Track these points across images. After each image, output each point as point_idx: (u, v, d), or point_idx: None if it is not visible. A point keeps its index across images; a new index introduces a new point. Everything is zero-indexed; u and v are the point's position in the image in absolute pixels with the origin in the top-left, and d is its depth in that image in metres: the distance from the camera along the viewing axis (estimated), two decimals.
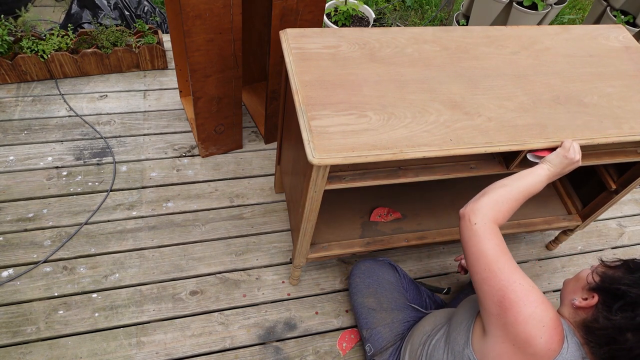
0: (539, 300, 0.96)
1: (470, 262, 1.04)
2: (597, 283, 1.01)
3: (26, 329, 1.57)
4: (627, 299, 0.93)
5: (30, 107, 2.17)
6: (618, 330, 0.93)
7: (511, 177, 1.12)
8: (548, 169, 1.14)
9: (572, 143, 1.15)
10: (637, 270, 0.98)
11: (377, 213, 1.67)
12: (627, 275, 0.98)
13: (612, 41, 1.49)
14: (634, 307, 0.91)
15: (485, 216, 1.04)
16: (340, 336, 1.67)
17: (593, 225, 2.14)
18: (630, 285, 0.95)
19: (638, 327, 0.90)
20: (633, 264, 1.01)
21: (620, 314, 0.93)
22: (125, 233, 1.82)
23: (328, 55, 1.25)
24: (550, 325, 0.94)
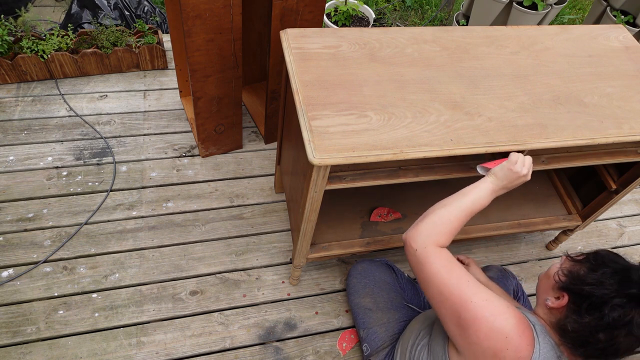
0: (495, 312, 0.94)
1: (422, 288, 1.04)
2: (563, 282, 1.00)
3: (26, 329, 1.57)
4: (593, 299, 0.92)
5: (30, 107, 2.17)
6: (589, 331, 0.92)
7: (454, 195, 1.10)
8: (492, 182, 1.10)
9: (520, 156, 1.10)
10: (600, 266, 0.96)
11: (377, 213, 1.67)
12: (590, 274, 0.96)
13: (612, 41, 1.49)
14: (601, 307, 0.90)
15: (424, 241, 1.02)
16: (340, 336, 1.67)
17: (593, 225, 2.14)
18: (594, 284, 0.93)
19: (608, 327, 0.89)
20: (595, 259, 0.99)
21: (588, 316, 0.92)
22: (125, 233, 1.82)
23: (328, 55, 1.25)
24: (514, 334, 0.93)
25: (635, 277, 0.91)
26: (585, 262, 1.00)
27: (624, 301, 0.88)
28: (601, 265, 0.96)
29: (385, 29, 1.38)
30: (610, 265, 0.95)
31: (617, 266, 0.95)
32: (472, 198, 1.09)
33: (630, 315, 0.87)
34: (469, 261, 1.59)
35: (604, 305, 0.90)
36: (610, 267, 0.95)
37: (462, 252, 1.96)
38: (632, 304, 0.88)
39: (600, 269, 0.95)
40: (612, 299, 0.89)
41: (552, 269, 1.07)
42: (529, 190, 1.84)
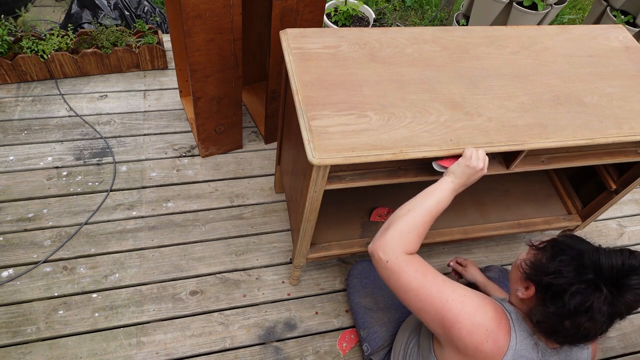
0: (474, 306, 0.97)
1: (399, 297, 1.04)
2: (527, 273, 1.00)
3: (26, 329, 1.57)
4: (554, 288, 0.92)
5: (30, 107, 2.17)
6: (555, 320, 0.93)
7: (416, 199, 1.10)
8: (452, 182, 1.10)
9: (474, 151, 1.09)
10: (558, 254, 0.96)
11: (377, 213, 1.67)
12: (550, 263, 0.96)
13: (612, 41, 1.49)
14: (562, 295, 0.91)
15: (394, 251, 1.02)
16: (340, 336, 1.67)
17: (593, 225, 2.14)
18: (553, 273, 0.93)
19: (571, 315, 0.90)
20: (553, 247, 0.99)
21: (552, 306, 0.92)
22: (125, 233, 1.82)
23: (328, 55, 1.25)
24: (492, 326, 0.97)
25: (588, 262, 0.90)
26: (545, 250, 1.00)
27: (582, 287, 0.89)
28: (559, 253, 0.96)
29: (385, 29, 1.38)
30: (567, 252, 0.95)
31: (573, 252, 0.94)
32: (436, 199, 1.09)
33: (590, 300, 0.88)
34: (466, 262, 1.59)
35: (564, 293, 0.90)
36: (567, 254, 0.94)
37: (462, 252, 1.96)
38: (590, 289, 0.88)
39: (558, 256, 0.95)
40: (570, 287, 0.90)
41: (518, 258, 1.07)
42: (529, 190, 1.84)
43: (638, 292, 0.88)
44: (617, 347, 1.79)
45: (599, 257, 0.90)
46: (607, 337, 1.79)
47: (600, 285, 0.88)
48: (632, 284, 0.87)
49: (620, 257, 0.89)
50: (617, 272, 0.88)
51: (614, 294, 0.88)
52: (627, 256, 0.89)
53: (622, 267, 0.88)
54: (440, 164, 1.15)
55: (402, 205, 1.10)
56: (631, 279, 0.87)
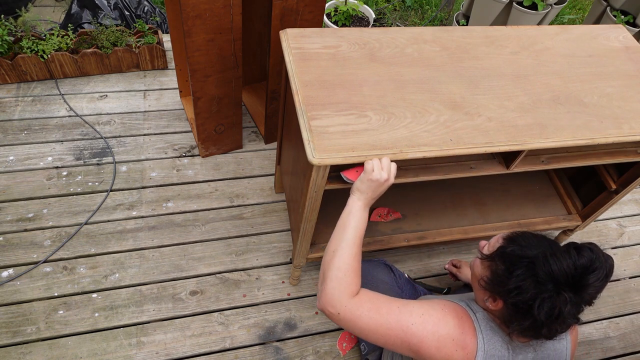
0: (435, 321, 0.98)
1: (365, 339, 1.04)
2: (490, 292, 0.99)
3: (26, 329, 1.57)
4: (521, 305, 0.92)
5: (30, 107, 2.17)
6: (534, 330, 0.93)
7: (335, 235, 1.08)
8: (359, 199, 1.07)
9: (376, 162, 1.05)
10: (513, 268, 0.94)
11: (377, 213, 1.67)
12: (508, 280, 0.94)
13: (612, 41, 1.49)
14: (531, 310, 0.90)
15: (340, 301, 1.01)
16: (340, 336, 1.67)
17: (593, 225, 2.14)
18: (516, 290, 0.92)
19: (545, 324, 0.90)
20: (504, 260, 0.97)
21: (526, 321, 0.92)
22: (125, 233, 1.82)
23: (328, 55, 1.25)
24: (457, 334, 0.98)
25: (542, 274, 0.90)
26: (496, 262, 0.99)
27: (546, 297, 0.89)
28: (513, 267, 0.94)
29: (385, 29, 1.38)
30: (519, 264, 0.94)
31: (525, 262, 0.93)
32: (353, 225, 1.07)
33: (557, 307, 0.88)
34: (461, 264, 1.59)
35: (532, 307, 0.90)
36: (521, 267, 0.93)
37: (462, 252, 1.96)
38: (553, 297, 0.89)
39: (514, 271, 0.94)
40: (535, 300, 0.90)
41: (474, 268, 1.05)
42: (529, 190, 1.84)
43: (597, 285, 0.89)
44: (617, 347, 1.79)
45: (550, 265, 0.89)
46: (608, 337, 1.80)
47: (561, 292, 0.88)
48: (590, 282, 0.88)
49: (569, 259, 0.89)
50: (573, 276, 0.88)
51: (577, 294, 0.89)
52: (576, 256, 0.89)
53: (575, 270, 0.88)
54: (346, 176, 1.11)
55: (327, 247, 1.08)
56: (588, 278, 0.88)
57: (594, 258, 0.89)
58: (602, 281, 0.89)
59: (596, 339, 1.80)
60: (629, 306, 1.90)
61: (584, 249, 0.90)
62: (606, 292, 1.93)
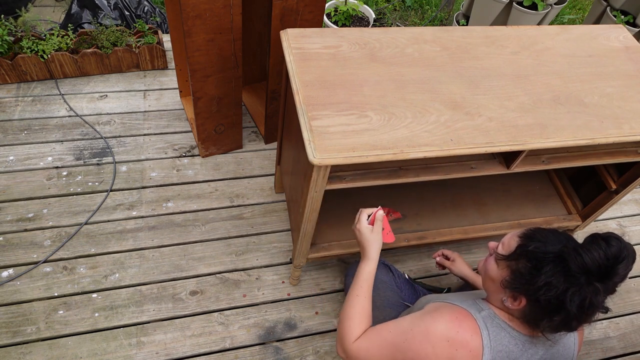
0: (424, 330, 1.01)
1: None
2: (514, 287, 0.98)
3: (26, 329, 1.57)
4: (553, 300, 0.91)
5: (30, 107, 2.17)
6: (564, 325, 0.94)
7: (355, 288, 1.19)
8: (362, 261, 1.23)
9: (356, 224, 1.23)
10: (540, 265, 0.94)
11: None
12: (535, 277, 0.93)
13: (612, 41, 1.49)
14: (563, 305, 0.90)
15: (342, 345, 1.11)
16: None
17: (593, 225, 2.14)
18: (546, 287, 0.92)
19: (577, 317, 0.91)
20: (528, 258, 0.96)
21: (557, 317, 0.93)
22: (125, 233, 1.82)
23: (328, 55, 1.25)
24: (452, 334, 0.98)
25: (575, 267, 0.90)
26: (521, 260, 0.98)
27: (575, 290, 0.89)
28: (540, 263, 0.94)
29: (385, 29, 1.38)
30: (546, 260, 0.93)
31: (552, 257, 0.93)
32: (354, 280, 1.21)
33: (587, 298, 0.89)
34: (454, 256, 1.56)
35: (564, 303, 0.91)
36: (549, 264, 0.93)
37: (462, 252, 1.96)
38: (582, 289, 0.89)
39: (541, 268, 0.93)
40: (566, 294, 0.90)
41: (489, 270, 1.05)
42: (529, 190, 1.84)
43: (623, 274, 0.90)
44: (617, 347, 1.79)
45: (582, 258, 0.90)
46: (608, 337, 1.80)
47: (592, 282, 0.89)
48: (619, 271, 0.89)
49: (600, 250, 0.89)
50: (605, 267, 0.89)
51: (605, 283, 0.90)
52: (606, 247, 0.89)
53: (607, 260, 0.89)
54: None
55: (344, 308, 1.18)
56: (618, 268, 0.89)
57: (622, 247, 0.90)
58: (628, 269, 0.90)
59: (596, 339, 1.80)
60: (629, 306, 1.90)
61: (611, 239, 0.91)
62: None
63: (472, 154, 1.23)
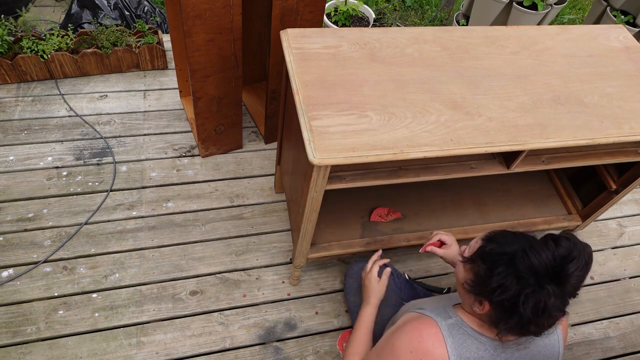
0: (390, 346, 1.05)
1: None
2: (475, 295, 0.98)
3: (26, 329, 1.57)
4: (506, 303, 0.91)
5: (30, 107, 2.17)
6: (521, 328, 0.93)
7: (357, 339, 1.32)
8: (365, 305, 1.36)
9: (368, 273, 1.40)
10: (493, 266, 0.94)
11: (377, 213, 1.67)
12: (490, 279, 0.94)
13: (612, 41, 1.49)
14: (516, 307, 0.90)
15: None
16: (340, 336, 1.67)
17: (593, 225, 2.14)
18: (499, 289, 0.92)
19: (531, 320, 0.90)
20: (484, 259, 0.97)
21: (512, 319, 0.92)
22: (125, 233, 1.82)
23: (328, 55, 1.25)
24: (414, 344, 1.00)
25: (522, 268, 0.90)
26: (477, 263, 0.99)
27: (529, 292, 0.88)
28: (494, 265, 0.94)
29: (385, 29, 1.38)
30: (499, 261, 0.93)
31: (505, 259, 0.93)
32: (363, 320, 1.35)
33: (542, 301, 0.88)
34: (451, 241, 1.52)
35: (517, 305, 0.90)
36: (501, 265, 0.93)
37: None
38: (536, 292, 0.88)
39: (494, 269, 0.94)
40: (519, 296, 0.89)
41: (458, 274, 1.06)
42: (529, 190, 1.84)
43: (578, 275, 0.88)
44: (617, 347, 1.79)
45: (530, 259, 0.89)
46: (608, 337, 1.80)
47: (543, 285, 0.88)
48: (571, 271, 0.88)
49: (548, 250, 0.89)
50: (553, 268, 0.88)
51: (559, 286, 0.88)
52: (554, 247, 0.89)
53: (554, 261, 0.88)
54: None
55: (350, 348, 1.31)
56: (568, 268, 0.87)
57: (572, 247, 0.89)
58: (582, 270, 0.89)
59: (596, 339, 1.80)
60: (629, 306, 1.90)
61: (561, 239, 0.90)
62: (606, 292, 1.93)
63: (472, 154, 1.23)
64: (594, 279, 1.97)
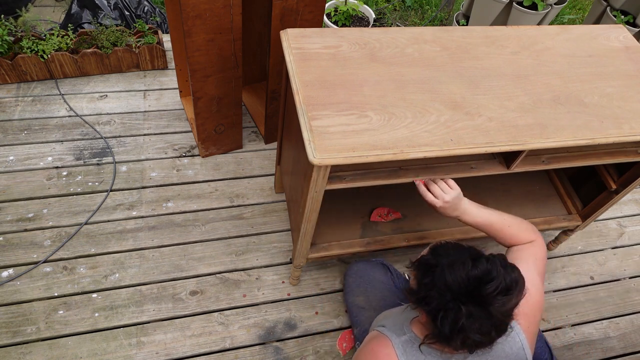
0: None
1: None
2: (414, 304, 0.98)
3: (26, 329, 1.57)
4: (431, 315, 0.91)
5: (30, 107, 2.17)
6: (449, 340, 0.91)
7: None
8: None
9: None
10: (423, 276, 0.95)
11: (377, 213, 1.67)
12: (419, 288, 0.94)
13: (612, 41, 1.49)
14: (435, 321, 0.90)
15: None
16: (340, 336, 1.67)
17: (593, 225, 2.14)
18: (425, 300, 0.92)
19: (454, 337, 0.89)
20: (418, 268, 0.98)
21: (435, 330, 0.92)
22: (125, 233, 1.82)
23: (328, 55, 1.25)
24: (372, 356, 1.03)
25: (439, 284, 0.89)
26: (415, 270, 1.00)
27: (448, 308, 0.88)
28: (423, 275, 0.95)
29: (385, 29, 1.38)
30: (429, 273, 0.94)
31: (432, 271, 0.93)
32: None
33: (459, 321, 0.86)
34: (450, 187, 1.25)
35: (436, 319, 0.90)
36: (429, 276, 0.93)
37: None
38: (455, 310, 0.87)
39: (423, 279, 0.94)
40: (439, 312, 0.89)
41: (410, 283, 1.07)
42: (529, 190, 1.84)
43: (500, 299, 0.86)
44: (617, 347, 1.79)
45: (445, 276, 0.89)
46: (608, 337, 1.80)
47: (459, 304, 0.87)
48: (488, 293, 0.86)
49: (463, 270, 0.88)
50: (466, 287, 0.87)
51: (478, 307, 0.86)
52: (470, 267, 0.87)
53: (467, 281, 0.87)
54: None
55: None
56: (484, 289, 0.86)
57: (490, 269, 0.87)
58: (504, 294, 0.86)
59: (596, 339, 1.80)
60: (629, 306, 1.91)
61: (480, 260, 0.89)
62: (606, 292, 1.93)
63: (472, 154, 1.23)
64: (594, 279, 1.97)
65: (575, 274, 1.97)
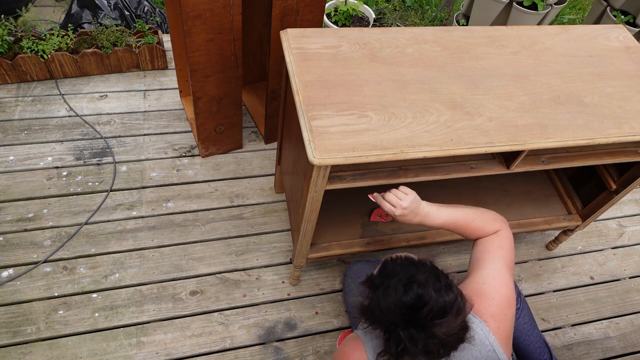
0: None
1: None
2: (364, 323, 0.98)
3: (26, 329, 1.57)
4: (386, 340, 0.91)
5: (30, 107, 2.17)
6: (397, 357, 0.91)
7: None
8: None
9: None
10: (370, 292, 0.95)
11: (377, 213, 1.67)
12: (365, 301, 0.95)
13: (612, 41, 1.49)
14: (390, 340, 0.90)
15: None
16: (341, 336, 1.67)
17: (593, 225, 2.14)
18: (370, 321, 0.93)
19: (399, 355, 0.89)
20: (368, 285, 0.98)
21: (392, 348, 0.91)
22: (125, 233, 1.82)
23: (328, 55, 1.25)
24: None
25: (372, 305, 0.89)
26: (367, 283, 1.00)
27: (392, 329, 0.88)
28: (369, 297, 0.95)
29: (385, 29, 1.38)
30: (372, 288, 0.94)
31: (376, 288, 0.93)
32: None
33: (401, 343, 0.86)
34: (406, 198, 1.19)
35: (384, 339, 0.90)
36: (372, 291, 0.93)
37: (462, 252, 1.96)
38: (395, 333, 0.87)
39: (367, 301, 0.94)
40: (384, 334, 0.89)
41: None
42: (529, 190, 1.84)
43: (438, 321, 0.85)
44: (617, 347, 1.79)
45: (379, 300, 0.88)
46: (608, 337, 1.80)
47: (404, 327, 0.86)
48: (424, 317, 0.85)
49: (395, 296, 0.87)
50: (400, 312, 0.86)
51: (419, 329, 0.86)
52: (401, 293, 0.87)
53: (400, 308, 0.86)
54: None
55: None
56: (420, 313, 0.85)
57: (421, 294, 0.86)
58: (440, 317, 0.86)
59: (596, 339, 1.80)
60: (629, 306, 1.91)
61: (411, 286, 0.87)
62: (606, 292, 1.93)
63: (472, 154, 1.23)
64: (594, 279, 1.97)
65: (575, 274, 1.97)
